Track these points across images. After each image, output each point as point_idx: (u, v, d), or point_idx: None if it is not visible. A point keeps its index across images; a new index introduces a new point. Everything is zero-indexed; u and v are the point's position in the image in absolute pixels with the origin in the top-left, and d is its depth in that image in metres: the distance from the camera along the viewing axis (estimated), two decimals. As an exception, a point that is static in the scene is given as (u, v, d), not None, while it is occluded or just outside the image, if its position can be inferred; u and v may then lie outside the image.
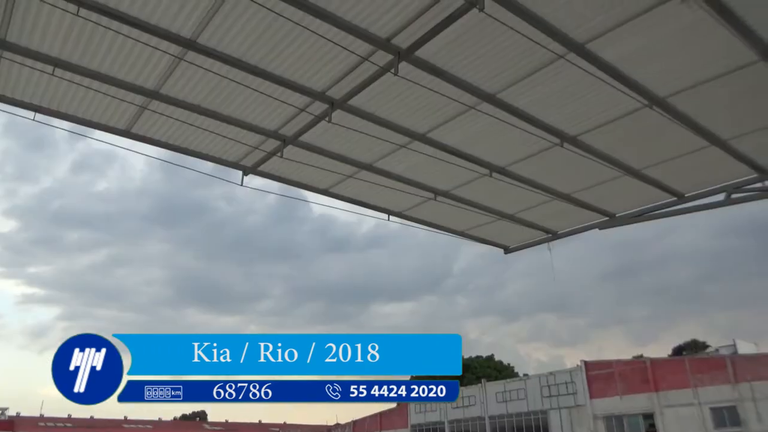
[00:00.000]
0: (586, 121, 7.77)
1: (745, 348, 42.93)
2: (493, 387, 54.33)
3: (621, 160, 8.70)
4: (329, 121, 7.48)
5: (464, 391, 56.86)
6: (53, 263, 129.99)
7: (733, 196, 9.28)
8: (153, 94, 7.13)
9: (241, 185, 9.08)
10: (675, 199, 9.78)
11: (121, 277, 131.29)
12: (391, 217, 10.80)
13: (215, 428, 65.32)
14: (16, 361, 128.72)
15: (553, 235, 11.40)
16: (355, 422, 68.42)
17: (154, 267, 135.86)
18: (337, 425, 71.44)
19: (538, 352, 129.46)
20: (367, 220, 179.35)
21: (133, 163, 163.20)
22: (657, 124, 7.66)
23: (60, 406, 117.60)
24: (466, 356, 75.46)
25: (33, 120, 7.22)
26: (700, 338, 68.43)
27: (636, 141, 8.31)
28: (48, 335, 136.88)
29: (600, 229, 10.89)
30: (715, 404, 38.74)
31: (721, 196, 9.42)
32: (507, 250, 12.28)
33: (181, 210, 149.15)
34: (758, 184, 8.99)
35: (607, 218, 10.63)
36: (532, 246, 11.91)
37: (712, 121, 7.72)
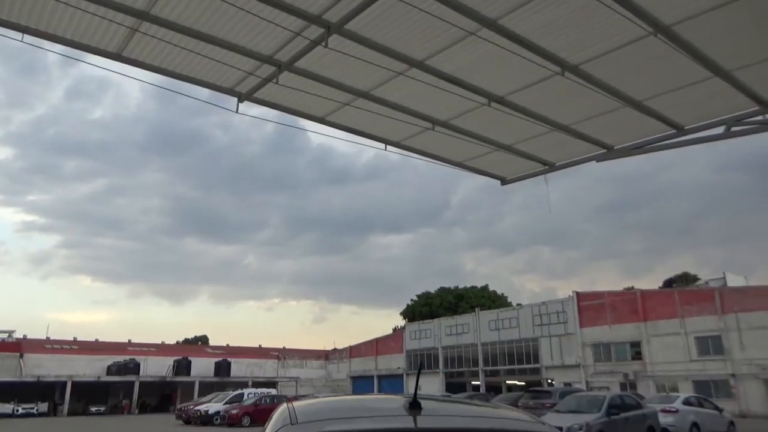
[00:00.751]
0: (589, 49, 7.60)
1: (734, 281, 43.94)
2: (487, 315, 55.93)
3: (622, 90, 8.57)
4: (325, 47, 7.30)
5: (458, 319, 58.65)
6: (51, 192, 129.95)
7: (733, 129, 9.21)
8: (143, 15, 6.91)
9: (237, 112, 8.97)
10: (674, 131, 9.71)
11: (120, 206, 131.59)
12: (388, 147, 10.73)
13: (217, 351, 67.64)
14: (20, 287, 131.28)
15: (551, 167, 11.40)
16: (351, 348, 70.85)
17: (152, 196, 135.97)
18: (335, 350, 73.98)
19: (532, 283, 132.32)
20: (366, 152, 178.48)
21: (128, 90, 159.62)
22: (660, 54, 7.50)
23: (65, 330, 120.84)
24: (461, 286, 77.23)
25: (21, 41, 7.03)
26: (692, 271, 69.83)
27: (638, 71, 8.17)
28: (50, 262, 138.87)
29: (598, 161, 10.88)
30: (700, 334, 40.10)
31: (720, 129, 9.36)
32: (504, 182, 12.31)
33: (178, 139, 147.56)
34: (759, 117, 8.91)
35: (605, 150, 10.59)
36: (529, 177, 11.92)
37: (716, 51, 7.55)
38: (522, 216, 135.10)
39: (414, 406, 2.36)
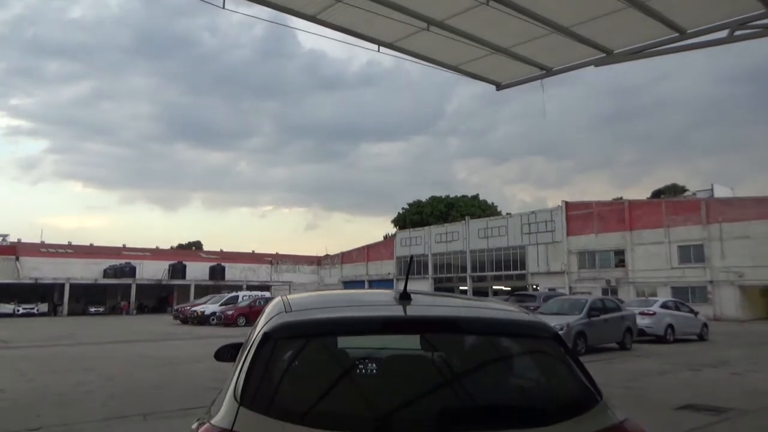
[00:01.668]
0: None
1: (721, 192, 44.53)
2: (476, 224, 56.86)
3: (626, -11, 8.21)
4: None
5: (448, 227, 59.61)
6: (35, 95, 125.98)
7: (737, 33, 8.94)
8: None
9: (223, 8, 8.54)
10: (676, 35, 9.42)
11: (107, 111, 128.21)
12: (381, 48, 10.36)
13: (211, 256, 68.98)
14: (11, 192, 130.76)
15: (548, 71, 11.13)
16: (343, 254, 72.44)
17: (140, 101, 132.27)
18: (327, 256, 75.64)
19: (523, 193, 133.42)
20: (358, 58, 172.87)
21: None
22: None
23: (59, 235, 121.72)
24: (451, 195, 77.85)
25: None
26: (681, 183, 70.57)
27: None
28: (39, 168, 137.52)
29: (596, 66, 10.61)
30: (683, 243, 41.19)
31: (724, 33, 9.08)
32: (499, 87, 12.06)
33: (164, 42, 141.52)
34: (764, 21, 8.62)
35: (604, 55, 10.31)
36: (525, 82, 11.66)
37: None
38: (516, 125, 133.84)
39: (404, 297, 2.42)
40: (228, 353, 4.08)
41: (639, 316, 18.81)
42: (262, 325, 2.29)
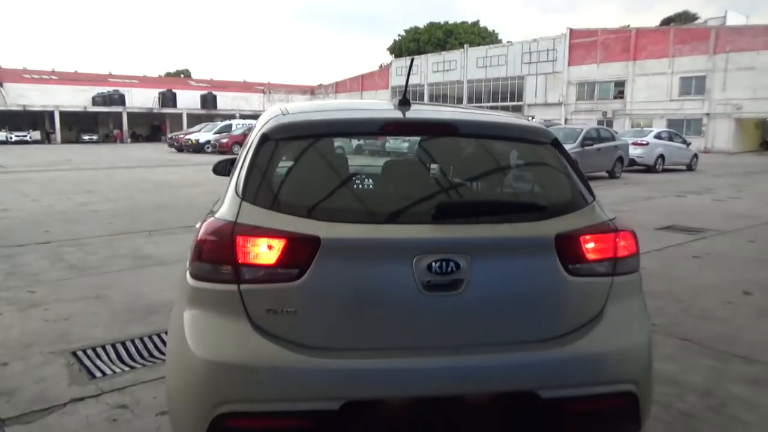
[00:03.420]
0: None
1: (734, 20, 42.35)
2: (475, 52, 54.78)
3: None
4: None
5: (446, 55, 57.53)
6: None
7: None
8: None
9: None
10: None
11: None
12: None
13: (201, 84, 67.13)
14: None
15: None
16: (337, 83, 70.64)
17: None
18: (320, 86, 73.84)
19: (527, 19, 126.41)
20: None
21: None
22: None
23: (43, 62, 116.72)
24: (450, 21, 73.83)
25: None
26: (695, 9, 66.83)
27: None
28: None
29: None
30: (686, 74, 40.24)
31: None
32: None
33: None
34: None
35: None
36: None
37: None
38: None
39: (403, 103, 2.34)
40: (225, 168, 4.10)
41: (632, 147, 18.97)
42: (260, 127, 2.23)
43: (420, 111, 2.46)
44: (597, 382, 1.90)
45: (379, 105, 2.84)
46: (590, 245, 1.97)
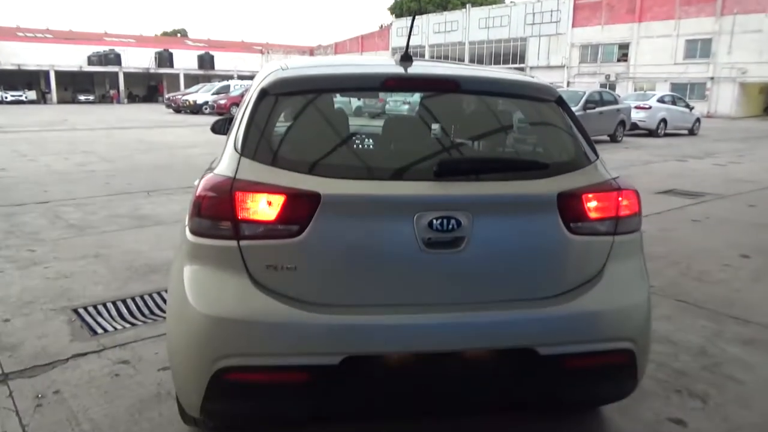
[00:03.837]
0: None
1: (743, -20, 41.38)
2: (477, 13, 53.71)
3: None
4: None
5: (447, 16, 56.44)
6: None
7: None
8: None
9: None
10: None
11: None
12: None
13: (198, 44, 65.98)
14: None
15: None
16: (336, 44, 69.47)
17: None
18: (319, 47, 72.64)
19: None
20: None
21: None
22: None
23: (35, 21, 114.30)
24: (453, -20, 72.08)
25: None
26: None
27: None
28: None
29: None
30: (692, 36, 39.54)
31: None
32: None
33: None
34: None
35: None
36: None
37: None
38: None
39: (405, 59, 2.28)
40: (224, 126, 4.05)
41: (634, 110, 18.77)
42: (258, 82, 2.18)
43: (422, 67, 2.42)
44: (595, 339, 1.91)
45: (381, 61, 2.79)
46: (592, 204, 1.96)
